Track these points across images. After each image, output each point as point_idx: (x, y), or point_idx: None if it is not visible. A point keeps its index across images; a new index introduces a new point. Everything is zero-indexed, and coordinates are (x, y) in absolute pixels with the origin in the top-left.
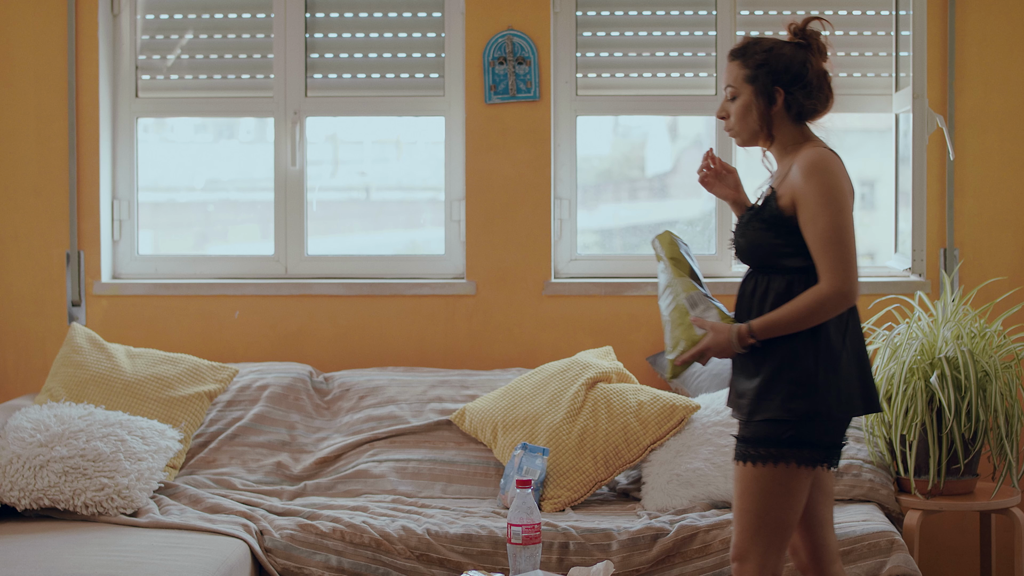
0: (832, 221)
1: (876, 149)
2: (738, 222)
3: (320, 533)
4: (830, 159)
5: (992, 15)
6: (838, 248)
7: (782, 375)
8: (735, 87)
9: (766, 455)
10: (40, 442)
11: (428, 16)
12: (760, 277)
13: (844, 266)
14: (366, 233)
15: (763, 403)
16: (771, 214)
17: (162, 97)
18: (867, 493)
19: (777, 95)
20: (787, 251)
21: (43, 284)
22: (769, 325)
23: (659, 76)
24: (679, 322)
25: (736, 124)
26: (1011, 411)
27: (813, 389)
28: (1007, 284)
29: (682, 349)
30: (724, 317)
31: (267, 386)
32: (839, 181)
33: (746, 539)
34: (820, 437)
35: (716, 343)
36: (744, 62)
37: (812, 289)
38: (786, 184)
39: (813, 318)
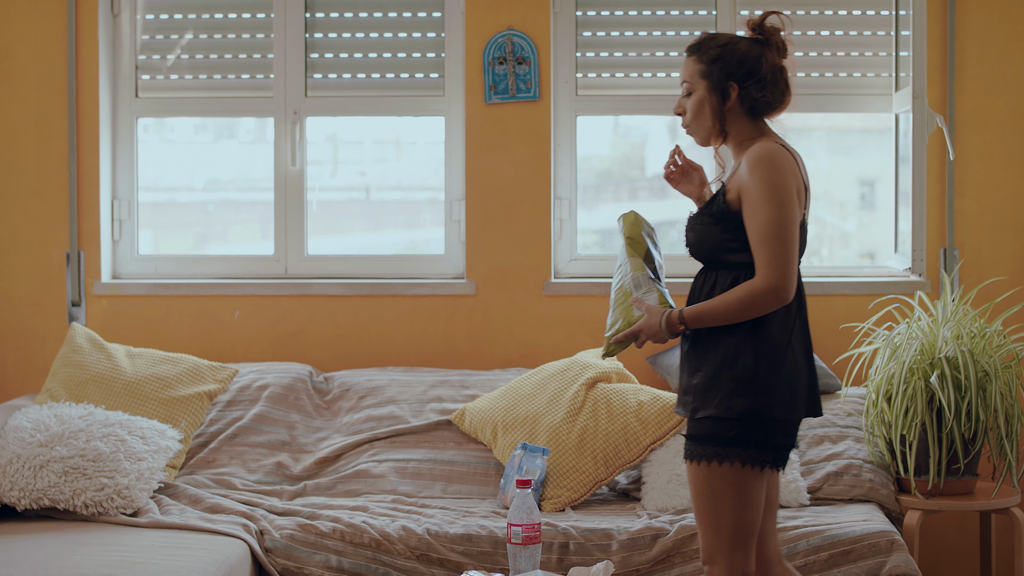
0: (772, 216)
1: (876, 149)
2: (689, 217)
3: (320, 533)
4: (777, 153)
5: (992, 15)
6: (775, 244)
7: (723, 373)
8: (691, 83)
9: (712, 454)
10: (40, 442)
11: (428, 16)
12: (709, 272)
13: (780, 262)
14: (366, 233)
15: (705, 400)
16: (719, 209)
17: (162, 97)
18: (867, 493)
19: (731, 90)
20: (734, 246)
21: (43, 284)
22: (700, 314)
23: (659, 76)
24: (621, 302)
25: (692, 120)
26: (1011, 411)
27: (755, 388)
28: (1007, 284)
29: (618, 328)
30: (663, 302)
31: (267, 386)
32: (783, 177)
33: (710, 541)
34: (766, 438)
35: (648, 326)
36: (699, 57)
37: (746, 283)
38: (734, 179)
39: (745, 312)
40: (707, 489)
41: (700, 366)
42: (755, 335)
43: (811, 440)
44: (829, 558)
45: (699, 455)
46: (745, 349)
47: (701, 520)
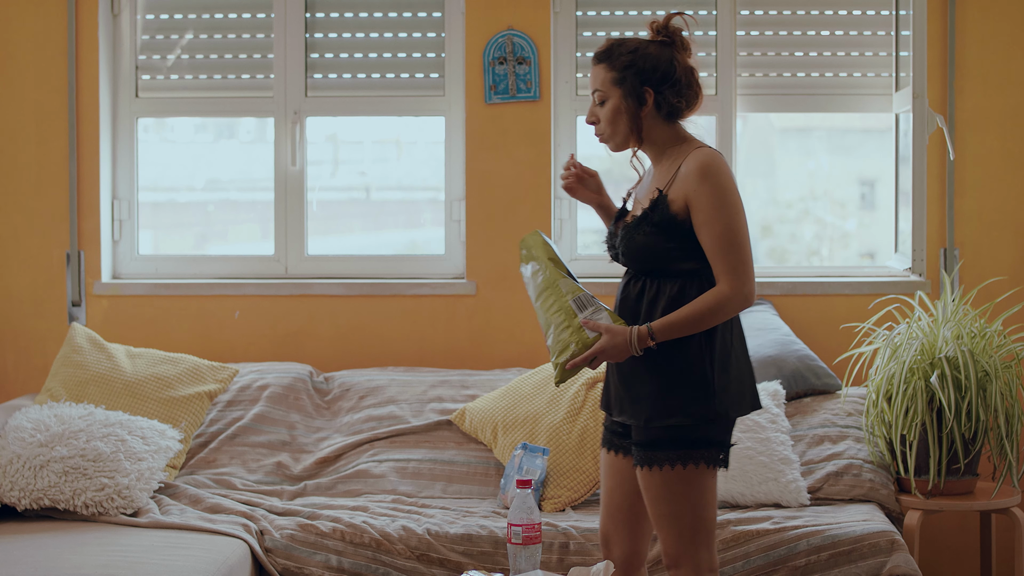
0: (730, 224)
1: (876, 149)
2: (625, 226)
3: (320, 533)
4: (721, 161)
5: (992, 15)
6: (737, 250)
7: (681, 379)
8: (603, 91)
9: (674, 458)
10: (40, 442)
11: (428, 16)
12: (649, 281)
13: (743, 267)
14: (366, 233)
15: (663, 408)
16: (662, 218)
17: (162, 97)
18: (867, 493)
19: (647, 96)
20: (678, 255)
21: (43, 284)
22: (670, 326)
23: None
24: (566, 324)
25: (607, 128)
26: (1011, 411)
27: (710, 392)
28: (1007, 284)
29: (573, 352)
30: (615, 319)
31: (267, 386)
32: (732, 183)
33: (673, 544)
34: (720, 436)
35: (613, 345)
36: (610, 65)
37: (713, 291)
38: (677, 187)
39: (712, 319)
40: (667, 493)
41: (655, 373)
42: (709, 340)
43: (811, 440)
44: (829, 558)
45: (659, 460)
46: (702, 355)
47: (661, 524)
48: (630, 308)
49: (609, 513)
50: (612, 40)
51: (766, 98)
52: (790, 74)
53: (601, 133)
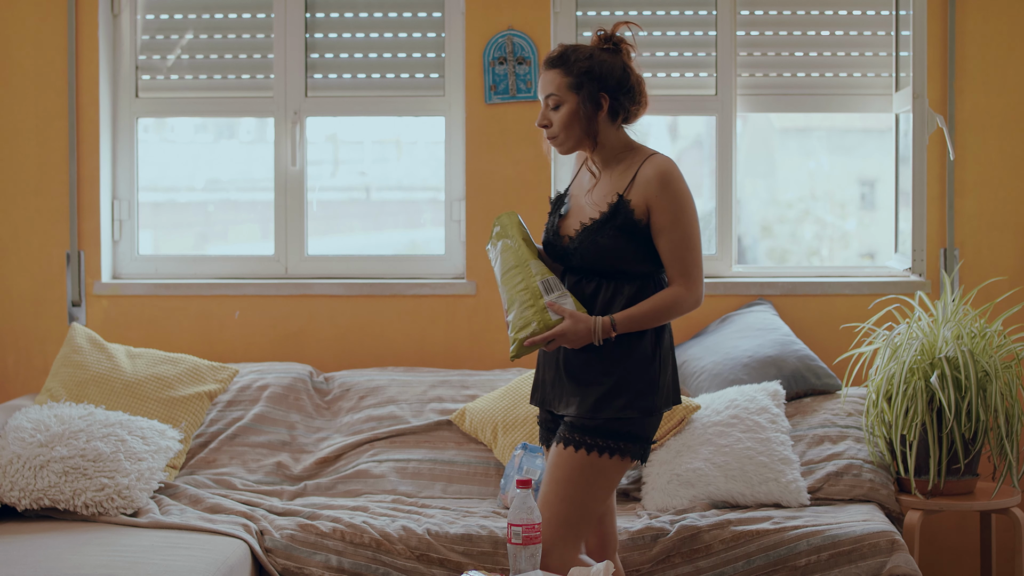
0: (688, 230)
1: (876, 149)
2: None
3: (320, 533)
4: (676, 167)
5: (992, 15)
6: (693, 254)
7: (635, 375)
8: (559, 95)
9: (604, 446)
10: (40, 442)
11: (428, 16)
12: (605, 282)
13: (697, 272)
14: (366, 233)
15: (613, 401)
16: (626, 222)
17: (162, 97)
18: (867, 493)
19: (603, 101)
20: (638, 257)
21: (43, 284)
22: (630, 319)
23: (659, 76)
24: (530, 304)
25: (561, 132)
26: (1011, 411)
27: (655, 387)
28: (1007, 284)
29: (533, 331)
30: (579, 307)
31: (267, 386)
32: (688, 190)
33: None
34: (650, 432)
35: (574, 331)
36: (566, 70)
37: (669, 290)
38: (637, 192)
39: (667, 317)
40: (576, 476)
41: (611, 369)
42: (659, 340)
43: (811, 440)
44: (830, 558)
45: (587, 445)
46: (654, 353)
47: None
48: (592, 307)
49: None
50: (565, 46)
51: (766, 98)
52: (790, 74)
53: (554, 136)
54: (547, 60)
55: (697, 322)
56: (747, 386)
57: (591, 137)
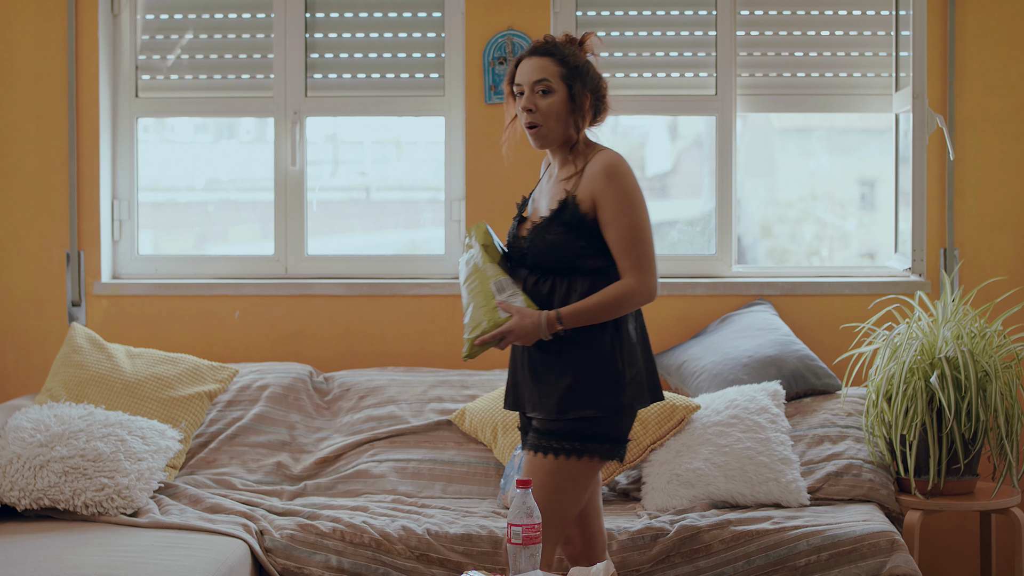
0: (635, 222)
1: (876, 149)
2: (534, 227)
3: (320, 533)
4: (624, 161)
5: (992, 15)
6: (642, 247)
7: (594, 373)
8: (551, 82)
9: (569, 449)
10: (40, 442)
11: (428, 16)
12: (559, 280)
13: (648, 263)
14: (366, 233)
15: (576, 400)
16: (572, 217)
17: (162, 97)
18: (867, 493)
19: (585, 99)
20: (588, 252)
21: (43, 284)
22: (577, 313)
23: (659, 76)
24: (483, 305)
25: (549, 121)
26: (1011, 411)
27: (620, 385)
28: (1007, 284)
29: (484, 329)
30: (530, 304)
31: (267, 386)
32: (636, 183)
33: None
34: (620, 432)
35: (521, 326)
36: (559, 60)
37: (619, 283)
38: (584, 187)
39: (617, 311)
40: (552, 483)
41: (568, 368)
42: (618, 334)
43: (811, 440)
44: (829, 558)
45: (555, 450)
46: (613, 349)
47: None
48: (542, 304)
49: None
50: (551, 37)
51: (766, 98)
52: (790, 74)
53: (540, 124)
54: (535, 48)
55: (697, 322)
56: (747, 386)
57: (576, 132)
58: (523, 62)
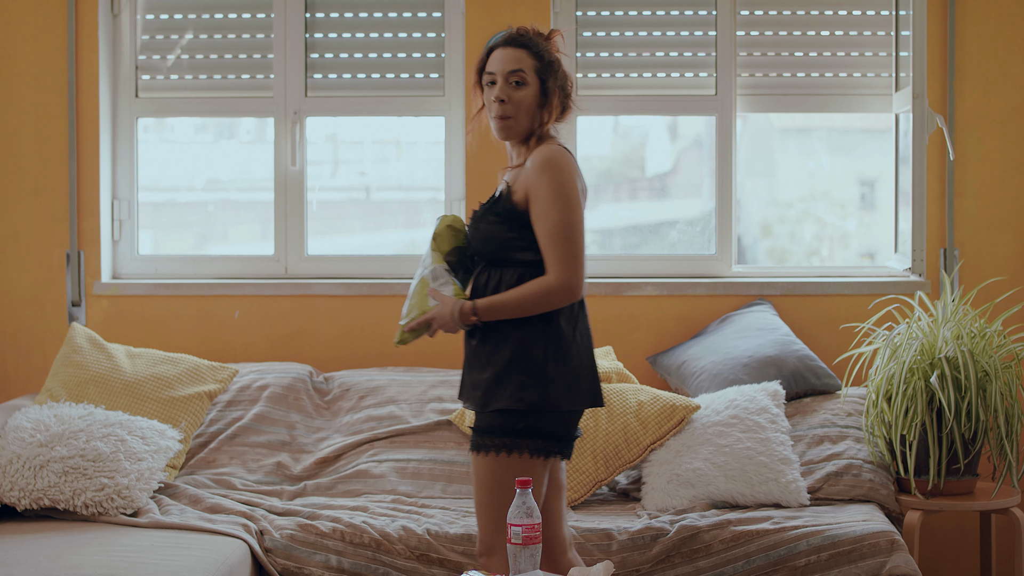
0: (562, 217)
1: (876, 149)
2: (473, 215)
3: (320, 533)
4: (564, 156)
5: (992, 15)
6: (567, 244)
7: (514, 366)
8: (526, 74)
9: (499, 445)
10: (40, 442)
11: (428, 16)
12: (493, 270)
13: (572, 261)
14: (366, 233)
15: (496, 393)
16: (505, 208)
17: (162, 97)
18: (867, 493)
19: (554, 96)
20: (520, 244)
21: (43, 284)
22: (492, 306)
23: (659, 76)
24: (419, 292)
25: (518, 113)
26: (1011, 411)
27: (543, 381)
28: (1007, 284)
29: (412, 316)
30: (458, 293)
31: (267, 386)
32: (572, 178)
33: (491, 532)
34: (552, 428)
35: (440, 315)
36: (533, 53)
37: (539, 279)
38: (521, 179)
39: (536, 307)
40: (491, 481)
41: (490, 360)
42: (544, 330)
43: (811, 440)
44: (829, 558)
45: (487, 446)
46: (535, 344)
47: (482, 512)
48: (479, 294)
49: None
50: (523, 30)
51: (766, 98)
52: (790, 74)
53: (511, 116)
54: (509, 38)
55: (697, 322)
56: (747, 386)
57: (540, 127)
58: (497, 51)
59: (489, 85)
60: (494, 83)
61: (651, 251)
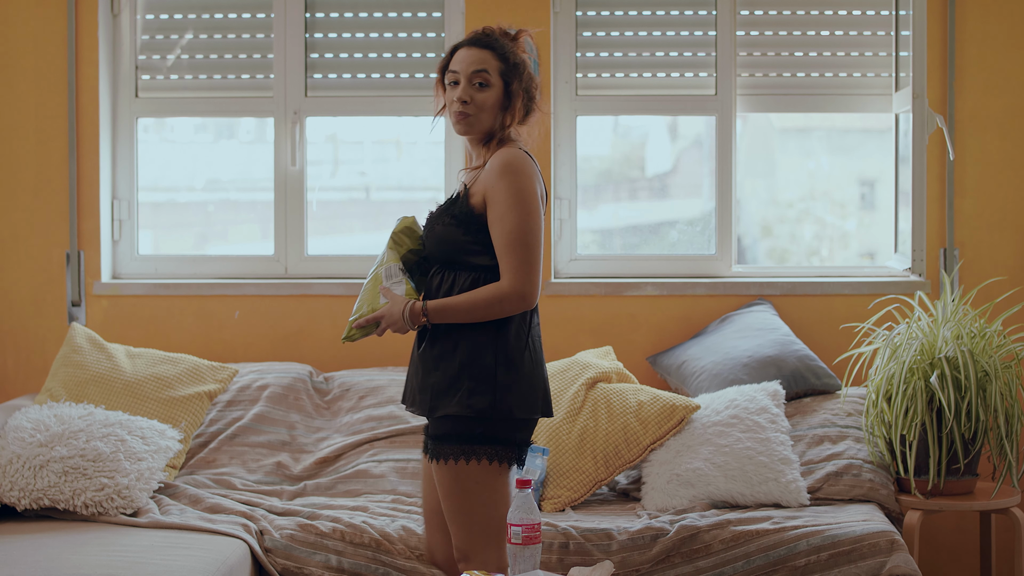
0: (519, 223)
1: (876, 149)
2: (429, 216)
3: (320, 533)
4: (524, 160)
5: (992, 15)
6: (522, 250)
7: (464, 372)
8: (489, 75)
9: (459, 452)
10: (40, 442)
11: (428, 16)
12: (446, 272)
13: (527, 268)
14: (366, 233)
15: (445, 398)
16: (462, 211)
17: (162, 97)
18: (867, 493)
19: (518, 99)
20: (475, 248)
21: (43, 284)
22: (443, 308)
23: (659, 76)
24: (370, 289)
25: (481, 114)
26: (1011, 411)
27: (493, 387)
28: (1007, 284)
29: (362, 313)
30: (410, 293)
31: (267, 386)
32: (531, 183)
33: (464, 539)
34: (509, 435)
35: (390, 313)
36: (498, 55)
37: (493, 285)
38: (479, 182)
39: (488, 312)
40: (457, 488)
41: (439, 364)
42: (495, 336)
43: (811, 440)
44: (829, 558)
45: (447, 454)
46: (485, 349)
47: (453, 519)
48: (432, 296)
49: (425, 519)
50: (488, 30)
51: (766, 98)
52: (790, 74)
53: (472, 115)
54: (476, 39)
55: (697, 322)
56: (747, 386)
57: (502, 128)
58: (461, 51)
59: (452, 85)
60: (456, 83)
61: (651, 251)
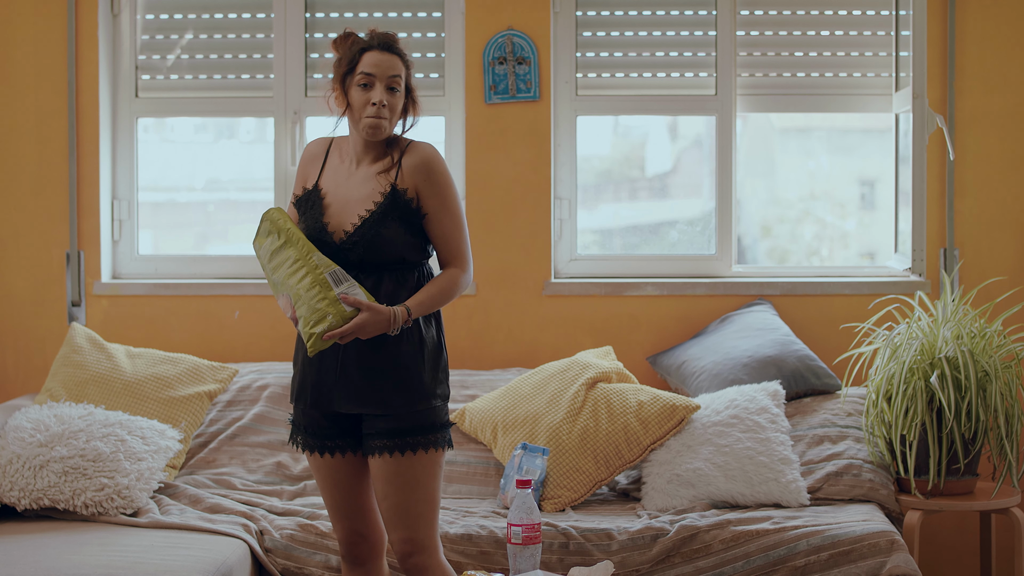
0: (457, 211)
1: (876, 149)
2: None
3: (320, 533)
4: (438, 153)
5: (992, 15)
6: (464, 237)
7: (428, 363)
8: (400, 80)
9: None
10: (40, 442)
11: (428, 16)
12: (388, 274)
13: (469, 252)
14: None
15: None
16: (404, 211)
17: (162, 97)
18: (867, 493)
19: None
20: (418, 246)
21: (43, 284)
22: (421, 305)
23: (659, 76)
24: (322, 296)
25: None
26: (1011, 411)
27: (446, 374)
28: (1007, 284)
29: (331, 324)
30: (369, 297)
31: (267, 386)
32: (449, 172)
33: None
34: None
35: (374, 322)
36: (404, 61)
37: (449, 272)
38: (407, 180)
39: (449, 298)
40: (424, 477)
41: (403, 360)
42: (438, 326)
43: (811, 440)
44: (829, 558)
45: (412, 445)
46: (439, 339)
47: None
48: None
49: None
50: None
51: (766, 98)
52: (790, 74)
53: (386, 119)
54: (389, 44)
55: (697, 322)
56: (747, 386)
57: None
58: (373, 54)
59: (362, 87)
60: (367, 85)
61: (651, 251)
